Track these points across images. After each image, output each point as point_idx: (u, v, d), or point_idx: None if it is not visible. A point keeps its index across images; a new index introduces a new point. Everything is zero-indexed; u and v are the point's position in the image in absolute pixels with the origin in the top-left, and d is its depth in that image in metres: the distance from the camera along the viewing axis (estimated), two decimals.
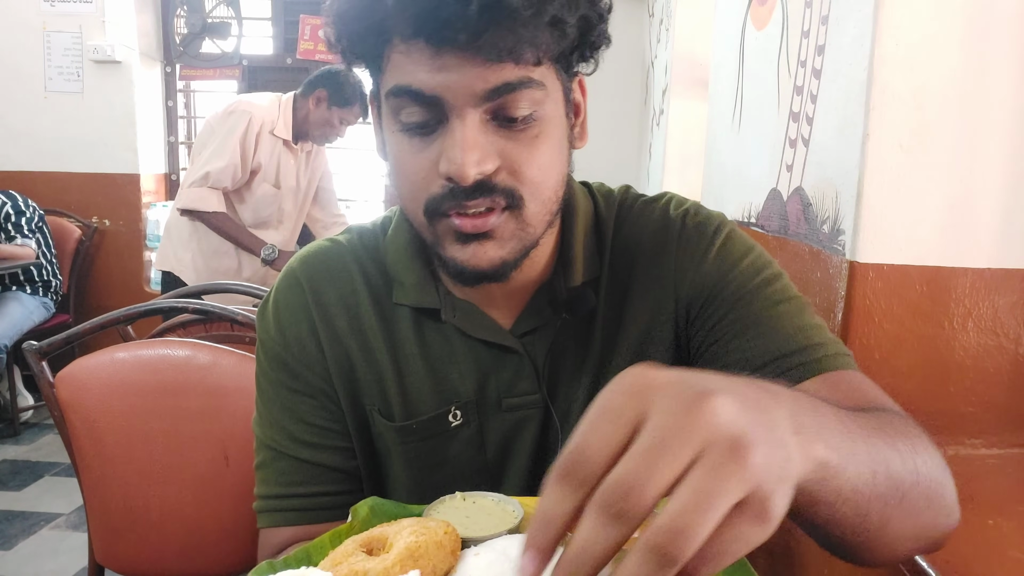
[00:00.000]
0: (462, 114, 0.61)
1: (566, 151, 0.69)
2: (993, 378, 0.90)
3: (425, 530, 0.55)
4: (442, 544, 0.54)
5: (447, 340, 0.75)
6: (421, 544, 0.53)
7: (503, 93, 0.61)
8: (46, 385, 1.31)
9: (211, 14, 4.06)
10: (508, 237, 0.66)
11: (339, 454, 0.77)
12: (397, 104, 0.64)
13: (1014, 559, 0.69)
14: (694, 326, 0.74)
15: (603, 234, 0.77)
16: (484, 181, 0.62)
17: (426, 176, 0.64)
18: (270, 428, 0.77)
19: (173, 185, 4.25)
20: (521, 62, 0.60)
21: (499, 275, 0.67)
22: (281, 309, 0.77)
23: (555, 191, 0.68)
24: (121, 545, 1.36)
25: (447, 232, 0.66)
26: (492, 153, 0.63)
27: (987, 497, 0.82)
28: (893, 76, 0.87)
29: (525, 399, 0.75)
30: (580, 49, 0.66)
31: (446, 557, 0.54)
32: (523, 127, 0.63)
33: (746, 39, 1.47)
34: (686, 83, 2.79)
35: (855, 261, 0.90)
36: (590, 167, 3.06)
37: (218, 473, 1.32)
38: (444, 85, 0.60)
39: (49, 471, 3.16)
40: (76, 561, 2.46)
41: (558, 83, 0.66)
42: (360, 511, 0.62)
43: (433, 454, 0.76)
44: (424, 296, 0.75)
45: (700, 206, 0.79)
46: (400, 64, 0.62)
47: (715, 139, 1.68)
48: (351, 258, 0.78)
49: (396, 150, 0.67)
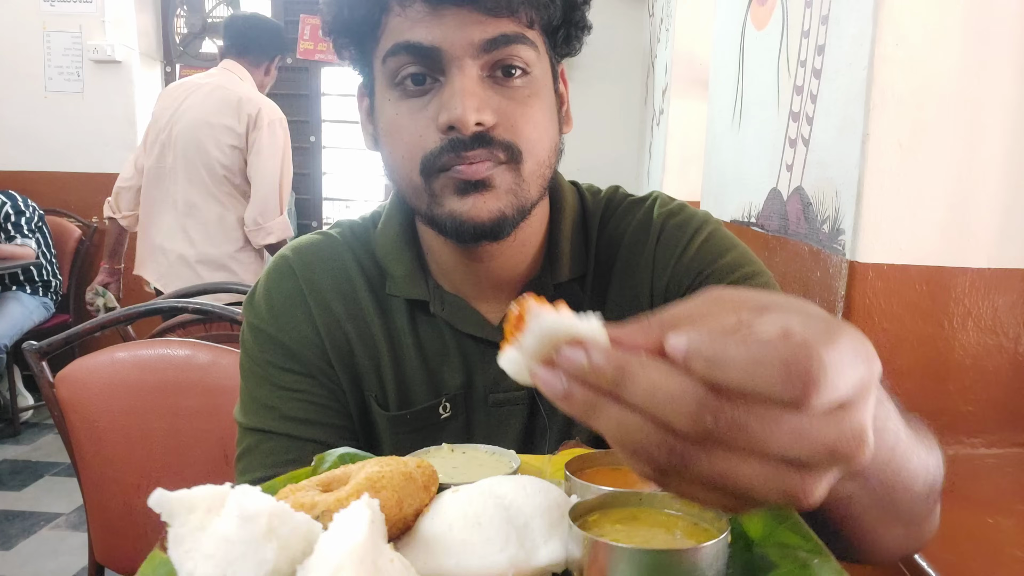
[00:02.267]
0: (461, 65, 0.64)
1: (556, 123, 0.71)
2: (992, 377, 0.90)
3: (392, 462, 0.47)
4: (411, 476, 0.45)
5: (439, 333, 0.76)
6: (385, 474, 0.44)
7: (500, 45, 0.64)
8: (46, 385, 1.31)
9: (211, 14, 4.07)
10: (506, 190, 0.66)
11: (335, 431, 0.74)
12: (395, 64, 0.65)
13: (1014, 558, 0.69)
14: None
15: (590, 231, 0.78)
16: (483, 133, 0.64)
17: (423, 134, 0.65)
18: (257, 412, 0.74)
19: None
20: (516, 16, 0.64)
21: (497, 230, 0.67)
22: (273, 294, 0.76)
23: (548, 154, 0.69)
24: (121, 545, 1.36)
25: (446, 187, 0.66)
26: (490, 106, 0.64)
27: (987, 496, 0.82)
28: (893, 76, 0.87)
29: (511, 395, 0.75)
30: (565, 27, 0.70)
31: (416, 491, 0.45)
32: (518, 84, 0.66)
33: (746, 39, 1.47)
34: (686, 83, 2.79)
35: (855, 261, 0.90)
36: (591, 167, 3.06)
37: (218, 472, 1.32)
38: (443, 36, 0.63)
39: (49, 471, 3.16)
40: (76, 561, 2.46)
41: (547, 56, 0.69)
42: (325, 459, 0.54)
43: (422, 446, 0.75)
44: (414, 288, 0.75)
45: (685, 206, 0.79)
46: (397, 25, 0.64)
47: (715, 139, 1.68)
48: (344, 248, 0.78)
49: (392, 116, 0.67)
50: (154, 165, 2.43)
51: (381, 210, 0.80)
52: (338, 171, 4.26)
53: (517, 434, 0.76)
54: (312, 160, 4.16)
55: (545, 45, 0.69)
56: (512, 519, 0.43)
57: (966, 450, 0.92)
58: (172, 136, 2.38)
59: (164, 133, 2.39)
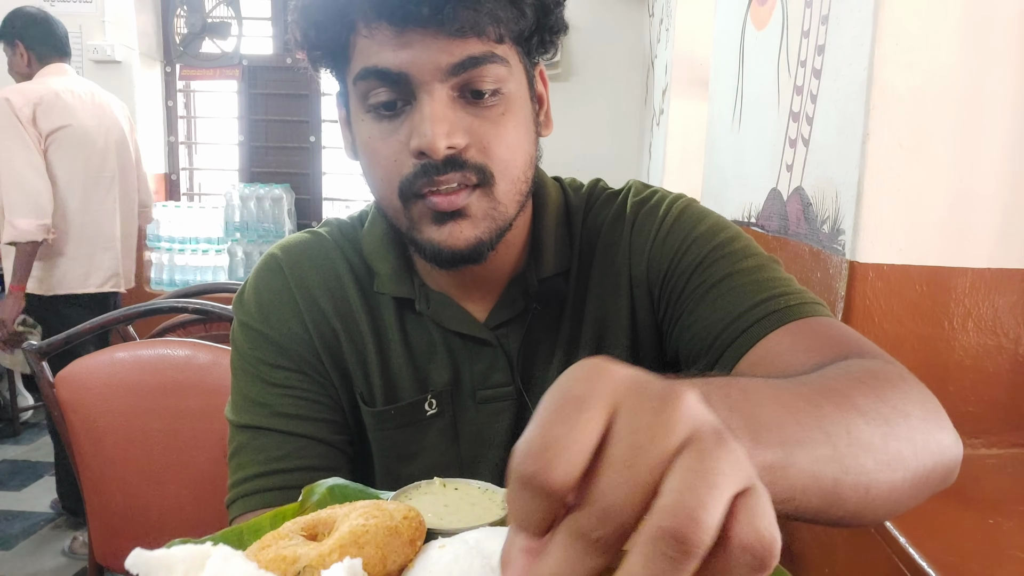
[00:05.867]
0: (430, 89, 0.63)
1: (532, 134, 0.71)
2: (993, 378, 0.90)
3: (378, 513, 0.45)
4: (396, 531, 0.44)
5: (426, 331, 0.76)
6: (369, 529, 0.43)
7: (468, 68, 0.63)
8: (46, 385, 1.31)
9: (211, 14, 4.06)
10: (482, 216, 0.67)
11: (326, 426, 0.74)
12: (365, 88, 0.65)
13: (1014, 559, 0.69)
14: (660, 305, 0.74)
15: (573, 226, 0.79)
16: (455, 157, 0.64)
17: (397, 158, 0.66)
18: (248, 409, 0.74)
19: (173, 185, 4.25)
20: (484, 35, 0.63)
21: (475, 255, 0.67)
22: (262, 291, 0.77)
23: (523, 171, 0.69)
24: (121, 544, 1.36)
25: (423, 214, 0.67)
26: (461, 128, 0.64)
27: (987, 497, 0.82)
28: (893, 76, 0.87)
29: (498, 391, 0.76)
30: (539, 33, 0.68)
31: (401, 547, 0.44)
32: (490, 104, 0.65)
33: (746, 39, 1.47)
34: (686, 83, 2.79)
35: (855, 261, 0.90)
36: (591, 167, 3.07)
37: (218, 472, 1.32)
38: (410, 61, 0.62)
39: (49, 471, 3.16)
40: (76, 561, 2.46)
41: (520, 66, 0.68)
42: (315, 491, 0.54)
43: (408, 443, 0.76)
44: (400, 286, 0.76)
45: (658, 190, 0.79)
46: (365, 48, 0.64)
47: (715, 139, 1.68)
48: (332, 246, 0.79)
49: (366, 138, 0.68)
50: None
51: (368, 209, 0.81)
52: (338, 171, 4.25)
53: (505, 431, 0.76)
54: (312, 160, 4.16)
55: (519, 54, 0.68)
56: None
57: (966, 451, 0.92)
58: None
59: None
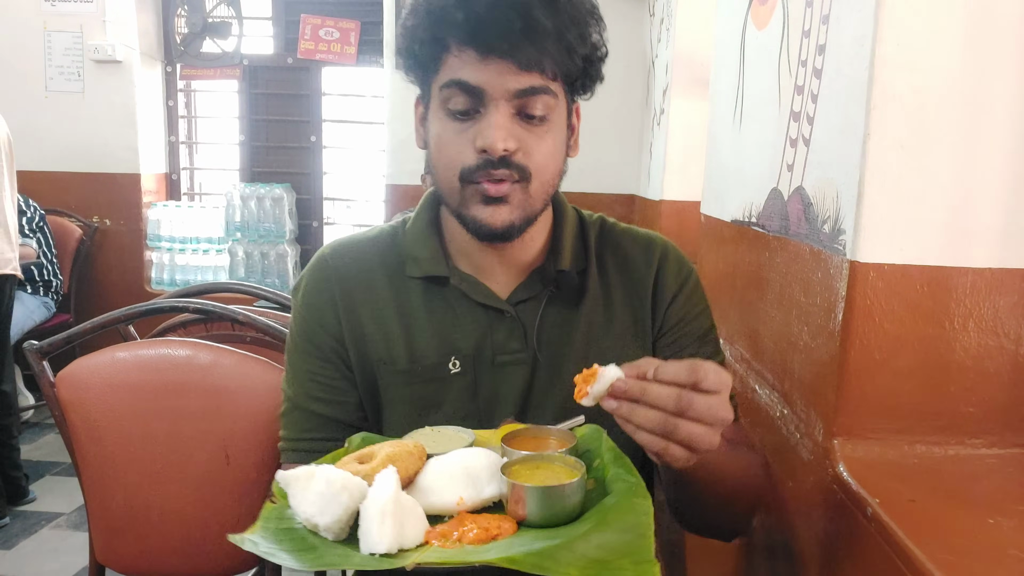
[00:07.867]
0: (497, 104, 0.82)
1: (563, 152, 0.91)
2: (994, 378, 0.90)
3: (399, 444, 0.80)
4: (411, 453, 0.78)
5: (451, 306, 0.94)
6: (396, 453, 0.77)
7: (528, 94, 0.83)
8: (47, 385, 1.31)
9: (212, 14, 4.07)
10: (517, 204, 0.86)
11: (343, 408, 0.94)
12: (448, 94, 0.84)
13: (1014, 559, 0.69)
14: (659, 342, 0.99)
15: (587, 238, 0.99)
16: (507, 157, 0.83)
17: (463, 151, 0.85)
18: (293, 384, 0.96)
19: (174, 185, 4.25)
20: (544, 72, 0.82)
21: (507, 234, 0.87)
22: (308, 286, 0.96)
23: (552, 177, 0.89)
24: (122, 544, 1.36)
25: (474, 195, 0.86)
26: (514, 137, 0.83)
27: (987, 497, 0.82)
28: (893, 76, 0.87)
29: (515, 356, 0.93)
30: (584, 78, 0.89)
31: (415, 462, 0.78)
32: (537, 124, 0.85)
33: (747, 38, 1.47)
34: (687, 82, 2.79)
35: (856, 261, 0.90)
36: (591, 166, 3.05)
37: (219, 472, 1.32)
38: (486, 80, 0.82)
39: (49, 471, 3.17)
40: (77, 561, 2.47)
41: (564, 101, 0.89)
42: (354, 440, 0.86)
43: (433, 396, 0.93)
44: (437, 267, 0.94)
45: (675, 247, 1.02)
46: (453, 64, 0.83)
47: (716, 138, 1.68)
48: (370, 244, 0.98)
49: (441, 131, 0.87)
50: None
51: (409, 216, 1.00)
52: (338, 171, 4.25)
53: (516, 393, 0.93)
54: (312, 160, 4.16)
55: (564, 92, 0.88)
56: (468, 472, 0.76)
57: (967, 451, 0.92)
58: None
59: None
